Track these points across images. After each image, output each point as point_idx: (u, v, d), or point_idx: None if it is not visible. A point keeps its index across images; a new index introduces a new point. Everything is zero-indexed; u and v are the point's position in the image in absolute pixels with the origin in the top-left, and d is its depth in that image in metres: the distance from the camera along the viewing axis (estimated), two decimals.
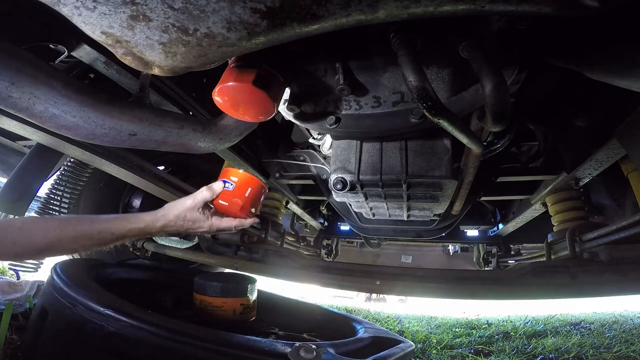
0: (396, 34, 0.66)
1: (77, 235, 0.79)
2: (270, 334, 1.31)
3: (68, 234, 0.78)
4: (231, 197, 0.90)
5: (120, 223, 0.83)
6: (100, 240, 0.81)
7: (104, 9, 0.48)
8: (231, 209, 0.91)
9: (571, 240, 1.19)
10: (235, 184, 0.91)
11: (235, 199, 0.90)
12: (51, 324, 0.92)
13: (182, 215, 0.88)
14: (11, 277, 1.65)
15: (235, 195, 0.90)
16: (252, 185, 0.92)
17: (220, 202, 0.90)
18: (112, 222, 0.83)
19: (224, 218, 0.94)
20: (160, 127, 0.92)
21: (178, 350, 0.78)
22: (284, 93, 0.88)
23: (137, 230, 0.85)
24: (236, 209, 0.90)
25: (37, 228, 0.77)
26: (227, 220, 0.94)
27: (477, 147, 0.80)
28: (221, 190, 0.90)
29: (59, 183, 1.53)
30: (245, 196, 0.91)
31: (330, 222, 2.51)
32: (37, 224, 0.79)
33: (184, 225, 0.89)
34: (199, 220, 0.89)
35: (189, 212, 0.88)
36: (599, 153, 1.07)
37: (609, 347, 1.92)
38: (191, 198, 0.90)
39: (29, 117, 0.74)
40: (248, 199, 0.91)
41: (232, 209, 0.91)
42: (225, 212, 0.93)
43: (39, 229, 0.77)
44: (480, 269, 2.28)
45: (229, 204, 0.90)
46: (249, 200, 0.91)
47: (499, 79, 0.59)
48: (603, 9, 0.40)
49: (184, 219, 0.88)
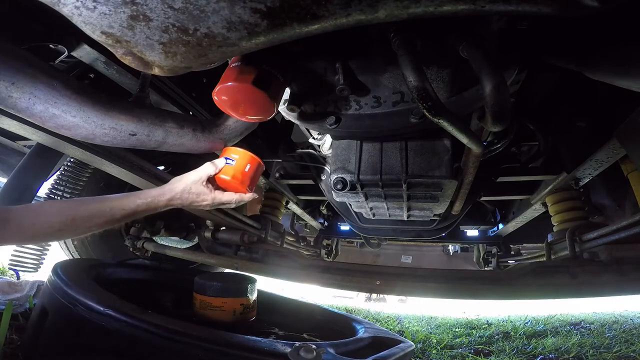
0: (396, 34, 0.66)
1: (90, 213, 0.83)
2: (270, 334, 1.31)
3: (82, 213, 0.82)
4: (232, 172, 0.96)
5: (130, 199, 0.87)
6: (111, 217, 0.85)
7: (104, 9, 0.48)
8: (232, 182, 0.96)
9: (571, 240, 1.19)
10: (236, 160, 0.97)
11: (236, 174, 0.96)
12: (51, 324, 0.92)
13: (188, 188, 0.92)
14: (11, 277, 1.65)
15: (236, 170, 0.96)
16: (251, 162, 0.99)
17: (221, 177, 0.96)
18: (122, 199, 0.87)
19: (225, 192, 0.98)
20: (160, 127, 0.92)
21: (178, 350, 0.78)
22: (284, 93, 0.88)
23: (145, 204, 0.88)
24: (237, 182, 0.96)
25: (53, 209, 0.81)
26: (229, 195, 0.98)
27: (477, 147, 0.80)
28: (223, 165, 0.96)
29: (59, 183, 1.53)
30: (245, 171, 0.97)
31: (330, 222, 2.51)
32: (52, 206, 0.83)
33: (189, 198, 0.93)
34: (203, 193, 0.94)
35: (194, 185, 0.93)
36: (599, 153, 1.07)
37: (609, 347, 1.92)
38: (196, 172, 0.94)
39: (29, 117, 0.74)
40: (248, 174, 0.98)
41: (233, 182, 0.96)
42: (226, 187, 0.98)
43: (54, 210, 0.81)
44: (480, 269, 2.28)
45: (230, 178, 0.96)
46: (248, 175, 0.98)
47: (499, 79, 0.59)
48: (603, 9, 0.40)
49: (189, 192, 0.92)
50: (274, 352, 0.79)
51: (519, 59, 0.76)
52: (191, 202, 0.94)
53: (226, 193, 0.98)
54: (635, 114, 0.87)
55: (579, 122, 1.17)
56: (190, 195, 0.93)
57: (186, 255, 1.71)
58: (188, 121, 0.98)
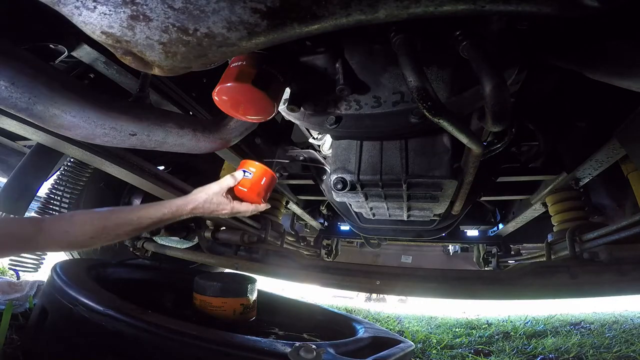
0: (396, 34, 0.66)
1: (119, 222, 0.89)
2: (270, 334, 1.31)
3: (112, 221, 0.88)
4: (250, 184, 1.04)
5: (156, 208, 0.94)
6: (139, 225, 0.91)
7: (104, 9, 0.48)
8: (249, 194, 1.04)
9: (571, 240, 1.19)
10: (253, 173, 1.05)
11: (253, 186, 1.04)
12: (51, 324, 0.92)
13: (210, 198, 1.00)
14: (11, 277, 1.65)
15: (253, 182, 1.04)
16: (267, 175, 1.06)
17: (240, 188, 1.03)
18: (149, 208, 0.94)
19: (243, 203, 1.06)
20: (160, 127, 0.92)
21: (178, 350, 0.78)
22: (284, 93, 0.88)
23: (170, 213, 0.96)
24: (254, 194, 1.04)
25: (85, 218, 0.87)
26: (246, 205, 1.06)
27: (477, 147, 0.80)
28: (241, 178, 1.04)
29: (59, 183, 1.53)
30: (261, 184, 1.05)
31: (330, 222, 2.51)
32: (84, 215, 0.88)
33: (210, 207, 1.00)
34: (222, 203, 1.02)
35: (216, 196, 1.00)
36: (599, 153, 1.07)
37: (609, 347, 1.92)
38: (217, 184, 1.02)
39: (29, 117, 0.74)
40: (263, 186, 1.06)
41: (250, 194, 1.04)
42: (243, 198, 1.06)
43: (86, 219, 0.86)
44: (480, 269, 2.28)
45: (247, 190, 1.03)
46: (264, 187, 1.06)
47: (499, 79, 0.59)
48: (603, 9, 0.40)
49: (210, 202, 1.00)
50: (274, 352, 0.79)
51: (519, 59, 0.76)
52: (212, 211, 1.01)
53: (243, 204, 1.06)
54: (635, 114, 0.87)
55: (579, 122, 1.17)
56: (211, 205, 1.00)
57: (186, 255, 1.71)
58: (188, 121, 0.98)
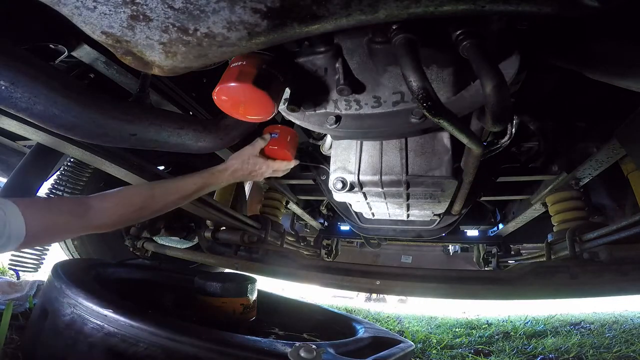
0: (396, 34, 0.66)
1: (167, 190, 0.94)
2: (270, 334, 1.31)
3: (159, 190, 0.93)
4: (279, 143, 1.12)
5: (199, 175, 1.00)
6: (184, 192, 0.97)
7: (104, 9, 0.48)
8: (280, 151, 1.12)
9: (571, 240, 1.19)
10: (279, 133, 1.12)
11: (282, 144, 1.12)
12: (51, 324, 0.92)
13: (246, 159, 1.07)
14: (11, 277, 1.65)
15: (281, 140, 1.12)
16: (291, 133, 1.14)
17: (270, 147, 1.11)
18: (192, 176, 0.99)
19: (276, 161, 1.13)
20: (160, 127, 0.92)
21: (178, 350, 0.78)
22: (284, 93, 0.88)
23: (213, 178, 1.02)
24: (284, 150, 1.12)
25: (132, 189, 0.92)
26: (279, 162, 1.14)
27: (477, 147, 0.80)
28: (269, 139, 1.11)
29: (59, 183, 1.53)
30: (288, 141, 1.13)
31: (330, 222, 2.51)
32: (130, 187, 0.93)
33: (248, 167, 1.08)
34: (259, 162, 1.09)
35: (252, 157, 1.08)
36: (599, 153, 1.07)
37: (609, 347, 1.92)
38: (250, 146, 1.09)
39: (29, 117, 0.74)
40: (291, 143, 1.14)
41: (280, 151, 1.12)
42: (275, 156, 1.14)
43: (133, 190, 0.92)
44: (480, 269, 2.28)
45: (278, 147, 1.11)
46: (291, 144, 1.15)
47: (499, 79, 0.59)
48: (603, 9, 0.40)
49: (248, 162, 1.07)
50: (274, 352, 0.78)
51: (519, 59, 0.76)
52: (250, 171, 1.08)
53: (277, 161, 1.13)
54: (635, 114, 0.87)
55: (579, 122, 1.17)
56: (249, 166, 1.07)
57: (186, 255, 1.71)
58: (188, 121, 0.98)
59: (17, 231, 0.68)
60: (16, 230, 0.68)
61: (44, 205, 0.79)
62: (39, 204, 0.78)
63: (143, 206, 0.88)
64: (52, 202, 0.85)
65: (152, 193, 0.91)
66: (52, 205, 0.80)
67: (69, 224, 0.79)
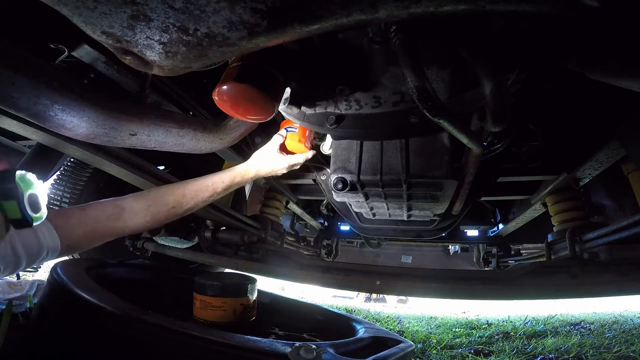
0: (397, 33, 0.66)
1: (197, 188, 0.95)
2: (270, 334, 1.31)
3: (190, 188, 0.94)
4: (298, 137, 1.17)
5: (227, 174, 1.03)
6: (214, 190, 0.99)
7: (105, 9, 0.48)
8: (298, 146, 1.17)
9: (571, 240, 1.19)
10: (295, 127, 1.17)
11: (300, 138, 1.17)
12: (51, 324, 0.92)
13: (268, 157, 1.11)
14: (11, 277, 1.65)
15: (299, 134, 1.17)
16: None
17: (289, 142, 1.17)
18: (220, 174, 1.02)
19: (295, 154, 1.18)
20: (160, 127, 0.92)
21: (178, 350, 0.78)
22: (284, 93, 0.88)
23: (240, 176, 1.06)
24: (302, 144, 1.17)
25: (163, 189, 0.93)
26: (298, 155, 1.18)
27: (477, 147, 0.80)
28: (286, 134, 1.16)
29: (59, 183, 1.53)
30: (306, 135, 1.18)
31: (330, 222, 2.51)
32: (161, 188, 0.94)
33: (270, 165, 1.12)
34: (279, 158, 1.13)
35: (272, 155, 1.12)
36: (599, 153, 1.07)
37: (609, 347, 1.92)
38: (269, 144, 1.14)
39: (29, 117, 0.74)
40: (308, 135, 1.20)
41: (299, 145, 1.17)
42: (293, 150, 1.19)
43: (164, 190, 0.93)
44: (480, 269, 2.28)
45: (297, 142, 1.17)
46: (309, 137, 1.20)
47: (499, 79, 0.59)
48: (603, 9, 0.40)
49: (269, 160, 1.11)
50: (274, 352, 0.78)
51: (519, 59, 0.76)
52: (272, 168, 1.12)
53: (296, 155, 1.18)
54: (635, 114, 0.87)
55: (579, 122, 1.17)
56: (271, 163, 1.12)
57: (186, 255, 1.70)
58: (188, 121, 0.98)
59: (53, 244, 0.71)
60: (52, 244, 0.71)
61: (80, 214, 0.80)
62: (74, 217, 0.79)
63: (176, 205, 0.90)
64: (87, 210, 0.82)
65: (183, 192, 0.92)
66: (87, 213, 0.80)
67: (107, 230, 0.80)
